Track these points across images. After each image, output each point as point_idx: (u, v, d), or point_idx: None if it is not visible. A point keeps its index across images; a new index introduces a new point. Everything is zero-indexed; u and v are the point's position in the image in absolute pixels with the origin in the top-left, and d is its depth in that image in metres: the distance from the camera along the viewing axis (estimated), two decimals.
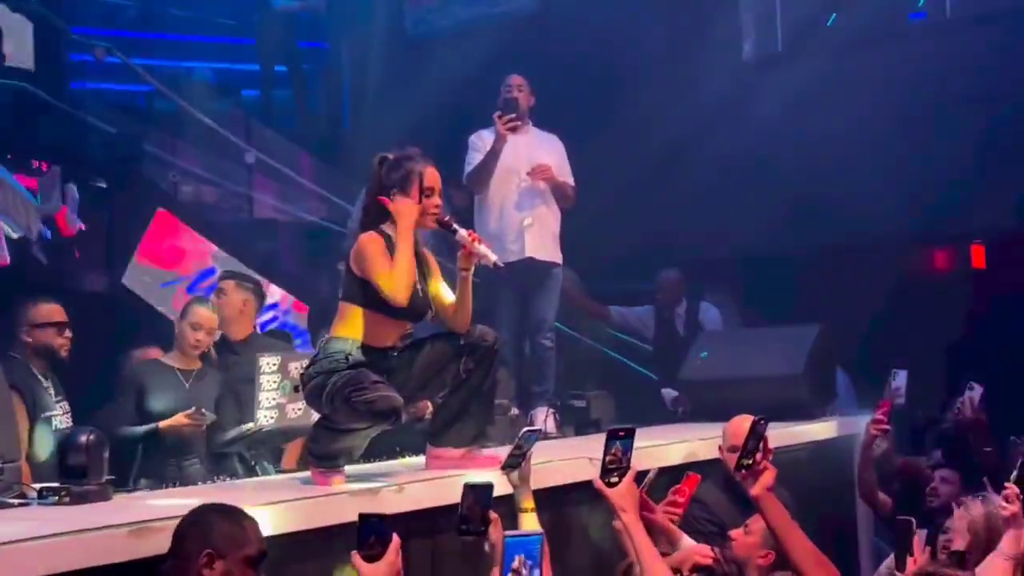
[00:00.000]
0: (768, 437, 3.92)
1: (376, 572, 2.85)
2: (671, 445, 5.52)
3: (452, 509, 3.29)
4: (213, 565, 3.03)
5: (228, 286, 6.17)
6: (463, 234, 4.39)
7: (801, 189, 9.12)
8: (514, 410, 6.42)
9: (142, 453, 5.44)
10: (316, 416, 4.46)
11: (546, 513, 3.77)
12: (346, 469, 4.33)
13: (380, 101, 10.80)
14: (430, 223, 4.41)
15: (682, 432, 6.17)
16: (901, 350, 7.80)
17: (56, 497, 3.84)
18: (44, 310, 5.34)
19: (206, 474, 5.40)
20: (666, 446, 5.47)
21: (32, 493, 3.95)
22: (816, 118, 9.21)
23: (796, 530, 3.86)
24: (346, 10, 11.48)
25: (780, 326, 7.57)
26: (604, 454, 3.49)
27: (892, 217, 8.87)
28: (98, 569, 3.15)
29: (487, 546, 3.38)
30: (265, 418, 5.24)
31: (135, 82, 9.83)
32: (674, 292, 8.33)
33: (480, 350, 4.47)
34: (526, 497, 3.69)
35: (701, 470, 4.67)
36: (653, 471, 4.24)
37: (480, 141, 6.83)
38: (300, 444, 5.83)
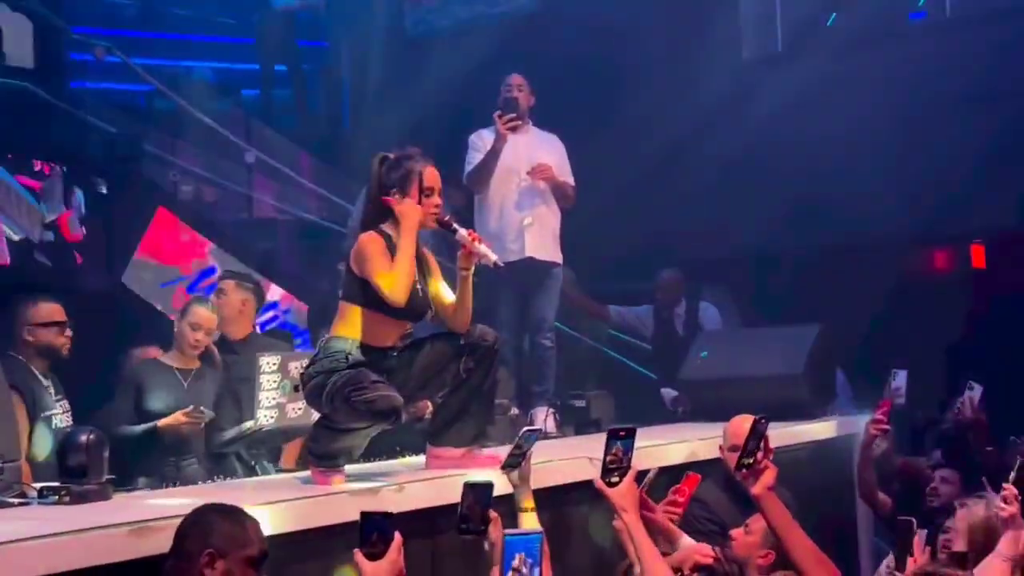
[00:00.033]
0: (769, 436, 3.92)
1: (378, 570, 2.85)
2: (671, 445, 5.53)
3: (452, 509, 3.29)
4: (214, 565, 3.03)
5: (228, 286, 6.17)
6: (463, 234, 4.39)
7: (801, 189, 9.12)
8: (514, 410, 6.42)
9: (141, 452, 5.43)
10: (316, 416, 4.46)
11: (546, 513, 3.77)
12: (346, 469, 4.33)
13: (380, 101, 10.80)
14: (430, 223, 4.41)
15: (682, 432, 6.17)
16: (901, 350, 7.80)
17: (56, 496, 3.84)
18: (45, 309, 5.34)
19: (205, 474, 5.40)
20: (666, 446, 5.47)
21: (32, 492, 3.95)
22: (816, 118, 9.21)
23: (797, 529, 3.86)
24: (346, 9, 11.48)
25: (780, 326, 7.57)
26: (605, 454, 3.49)
27: (892, 217, 8.88)
28: (98, 568, 3.15)
29: (487, 545, 3.37)
30: (265, 418, 5.24)
31: (135, 81, 9.84)
32: (673, 292, 8.33)
33: (480, 350, 4.47)
34: (526, 497, 3.69)
35: (701, 470, 4.67)
36: (653, 471, 4.24)
37: (480, 141, 6.83)
38: (299, 444, 5.83)
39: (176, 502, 3.83)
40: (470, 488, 3.27)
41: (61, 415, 5.26)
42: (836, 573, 3.81)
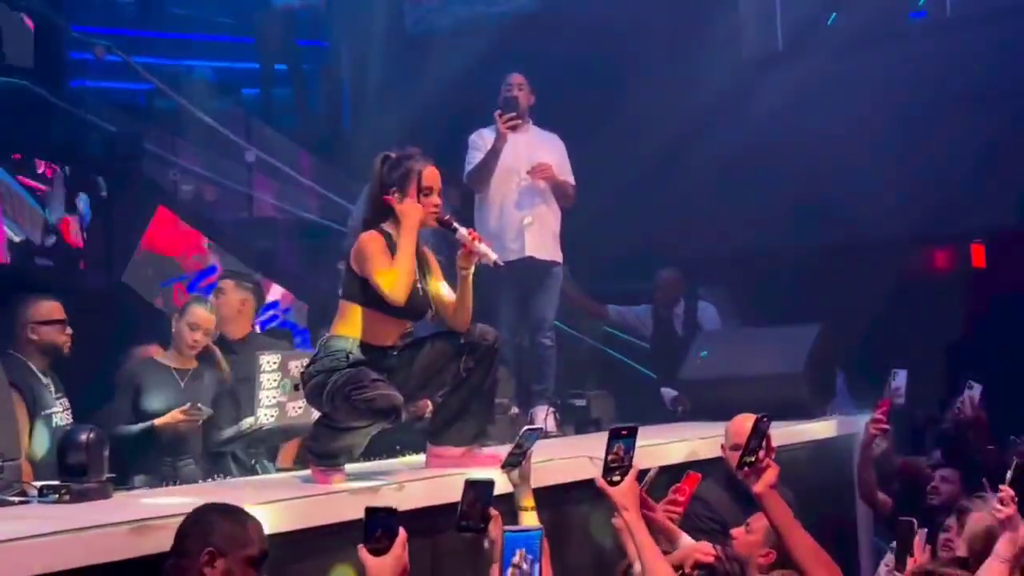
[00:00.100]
0: (770, 435, 3.93)
1: (382, 565, 2.85)
2: (671, 444, 5.52)
3: (452, 508, 3.28)
4: (214, 564, 3.03)
5: (227, 285, 6.16)
6: (463, 233, 4.39)
7: (801, 189, 9.13)
8: (514, 409, 6.41)
9: (138, 452, 5.41)
10: (316, 414, 4.46)
11: (546, 512, 3.77)
12: (346, 468, 4.33)
13: (380, 100, 10.79)
14: (430, 222, 4.41)
15: (682, 431, 6.17)
16: (901, 350, 7.81)
17: (56, 495, 3.83)
18: (47, 307, 5.34)
19: (202, 474, 5.38)
20: (666, 445, 5.46)
21: (32, 491, 3.94)
22: (816, 118, 9.22)
23: (798, 528, 3.86)
24: (346, 9, 11.48)
25: (780, 326, 7.57)
26: (606, 453, 3.49)
27: (892, 216, 8.89)
28: (99, 567, 3.15)
29: (486, 543, 3.37)
30: (265, 416, 5.24)
31: (135, 80, 9.83)
32: (672, 291, 8.32)
33: (480, 349, 4.46)
34: (526, 496, 3.68)
35: (702, 469, 4.67)
36: (654, 470, 4.24)
37: (480, 140, 6.82)
38: (296, 443, 5.84)
39: (176, 501, 3.83)
40: (471, 485, 3.27)
41: (61, 413, 5.26)
42: (837, 572, 3.82)
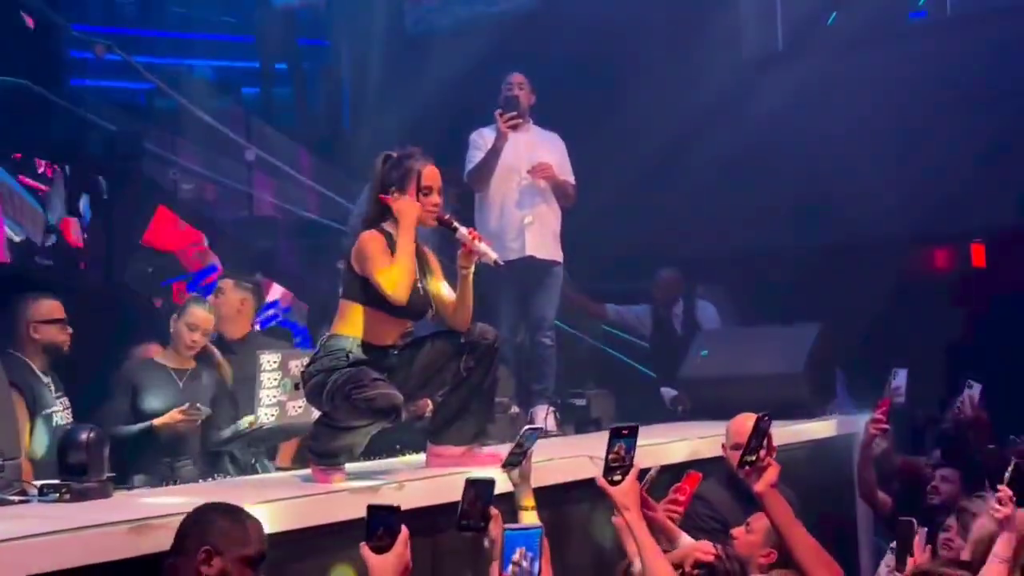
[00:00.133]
0: (772, 435, 3.92)
1: (385, 563, 2.85)
2: (672, 443, 5.52)
3: (453, 507, 3.28)
4: (211, 562, 3.02)
5: (226, 285, 6.16)
6: (463, 232, 4.39)
7: (801, 188, 9.13)
8: (514, 408, 6.41)
9: (137, 452, 5.39)
10: (316, 414, 4.46)
11: (546, 511, 3.76)
12: (347, 467, 4.33)
13: (380, 99, 10.80)
14: (429, 221, 4.40)
15: (683, 430, 6.17)
16: (901, 349, 7.80)
17: (57, 494, 3.83)
18: (48, 306, 5.34)
19: (199, 475, 5.36)
20: (667, 444, 5.46)
21: (33, 490, 3.94)
22: (816, 117, 9.22)
23: (800, 528, 3.86)
24: (346, 8, 11.48)
25: (780, 325, 7.57)
26: (607, 452, 3.49)
27: (892, 216, 8.88)
28: (99, 566, 3.15)
29: (487, 542, 3.37)
30: (266, 416, 5.24)
31: (135, 79, 9.83)
32: (671, 291, 8.32)
33: (480, 348, 4.46)
34: (526, 495, 3.68)
35: (703, 468, 4.66)
36: (655, 469, 4.23)
37: (481, 139, 6.82)
38: (294, 442, 5.83)
39: (176, 500, 3.83)
40: (471, 484, 3.26)
41: (61, 412, 5.25)
42: (839, 572, 3.81)
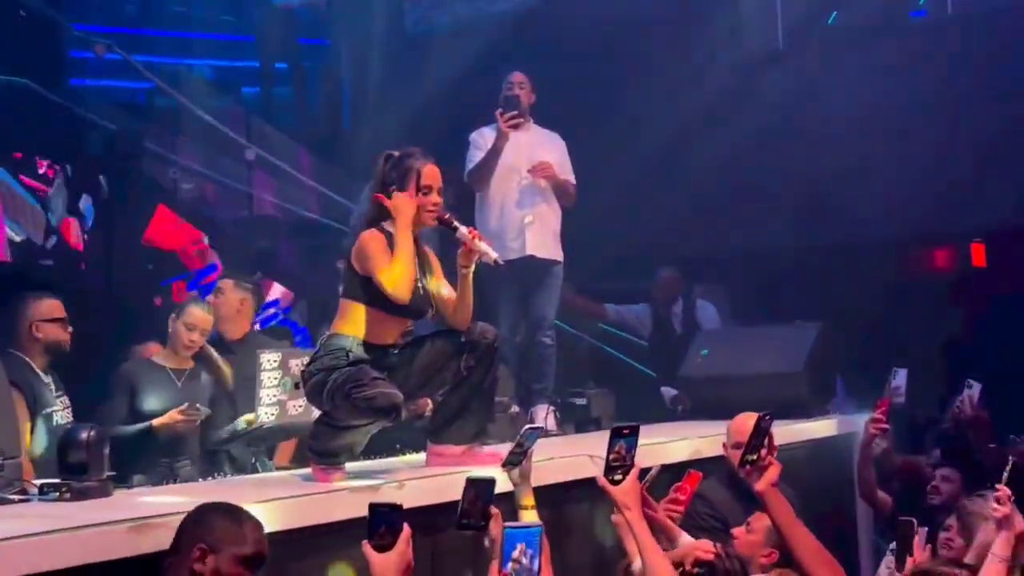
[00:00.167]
0: (773, 433, 3.93)
1: (387, 562, 2.84)
2: (673, 442, 5.52)
3: (453, 506, 3.28)
4: (205, 560, 3.00)
5: (226, 285, 6.16)
6: (463, 231, 4.38)
7: (801, 188, 9.13)
8: (514, 408, 6.41)
9: (136, 452, 5.38)
10: (316, 413, 4.45)
11: (546, 510, 3.76)
12: (347, 466, 4.33)
13: (380, 98, 10.79)
14: (429, 220, 4.40)
15: (683, 430, 6.17)
16: (901, 349, 7.80)
17: (57, 493, 3.83)
18: (50, 305, 5.34)
19: (198, 475, 5.36)
20: (668, 443, 5.46)
21: (33, 489, 3.94)
22: (816, 116, 9.22)
23: (801, 527, 3.86)
24: (346, 7, 11.47)
25: (780, 324, 7.57)
26: (608, 452, 3.49)
27: (892, 215, 8.88)
28: (98, 565, 3.14)
29: (487, 541, 3.37)
30: (266, 415, 5.24)
31: (135, 79, 9.83)
32: (671, 290, 8.32)
33: (480, 347, 4.46)
34: (527, 494, 3.68)
35: (703, 468, 4.66)
36: (655, 468, 4.23)
37: (481, 138, 6.82)
38: (293, 441, 5.83)
39: (176, 499, 3.83)
40: (472, 483, 3.26)
41: (62, 411, 5.25)
42: (840, 572, 3.81)
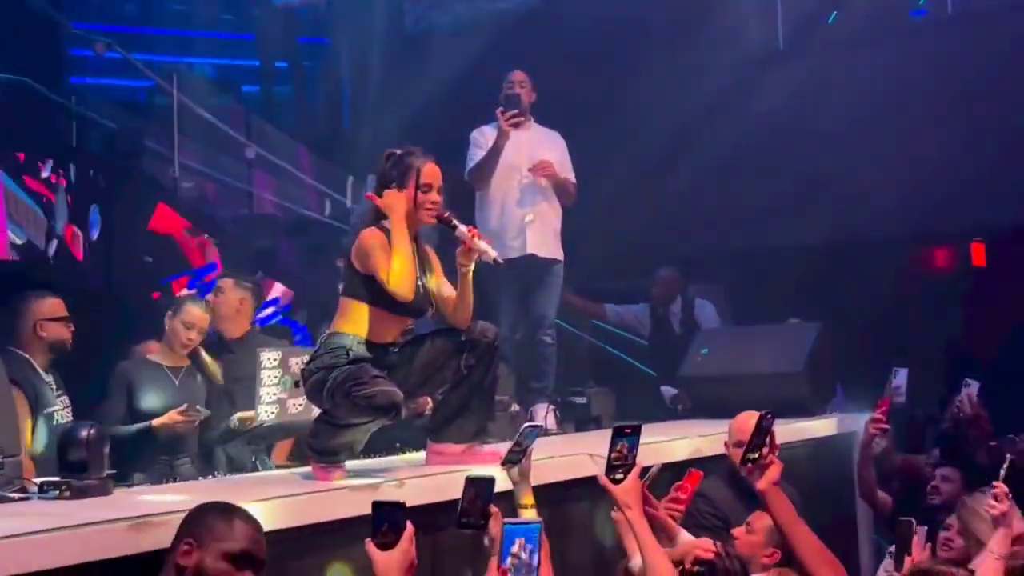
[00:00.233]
0: (775, 432, 3.93)
1: (390, 560, 2.83)
2: (673, 441, 5.52)
3: (453, 505, 3.27)
4: (190, 555, 2.98)
5: (226, 284, 6.15)
6: (463, 230, 4.37)
7: (801, 187, 9.12)
8: (515, 406, 6.41)
9: (135, 451, 5.37)
10: (316, 411, 4.45)
11: (546, 509, 3.75)
12: (347, 465, 4.33)
13: (380, 97, 10.80)
14: (428, 219, 4.39)
15: (683, 428, 6.16)
16: (901, 348, 7.80)
17: (57, 491, 3.83)
18: (54, 304, 5.33)
19: (198, 473, 5.36)
20: (668, 442, 5.46)
21: (33, 487, 3.94)
22: (816, 116, 9.22)
23: (802, 526, 3.86)
24: (346, 6, 11.48)
25: (780, 324, 7.56)
26: (610, 451, 3.48)
27: (892, 215, 8.88)
28: (98, 563, 3.14)
29: (487, 540, 3.36)
30: (266, 413, 5.24)
31: (136, 77, 9.83)
32: (670, 290, 8.31)
33: (481, 346, 4.45)
34: (526, 493, 3.68)
35: (704, 466, 4.65)
36: (656, 466, 4.23)
37: (482, 137, 6.82)
38: (291, 440, 5.83)
39: (176, 498, 3.82)
40: (471, 482, 3.26)
41: (62, 411, 5.25)
42: (841, 571, 3.81)
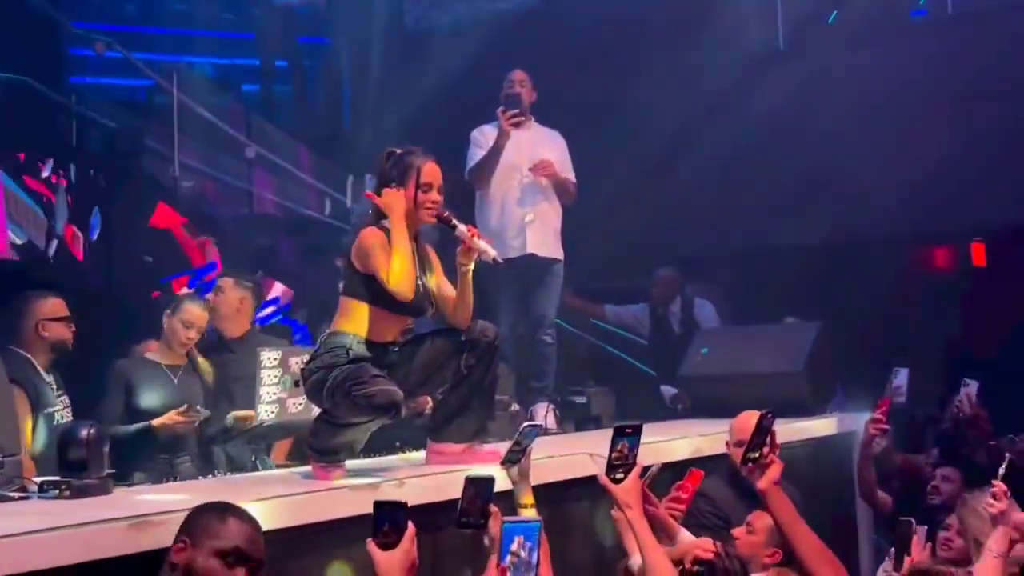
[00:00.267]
0: (775, 432, 3.92)
1: (391, 560, 2.83)
2: (674, 441, 5.52)
3: (453, 505, 3.27)
4: (183, 552, 2.97)
5: (226, 284, 6.16)
6: (462, 229, 4.37)
7: (801, 187, 9.12)
8: (514, 406, 6.41)
9: (135, 451, 5.36)
10: (316, 411, 4.45)
11: (546, 508, 3.75)
12: (347, 464, 4.33)
13: (380, 97, 10.79)
14: (428, 218, 4.39)
15: (683, 428, 6.16)
16: (901, 348, 7.80)
17: (56, 491, 3.83)
18: (56, 304, 5.33)
19: (198, 471, 5.35)
20: (669, 442, 5.46)
21: (33, 487, 3.94)
22: (816, 116, 9.22)
23: (803, 525, 3.86)
24: (346, 6, 11.48)
25: (780, 323, 7.56)
26: (610, 450, 3.48)
27: (892, 214, 8.88)
28: (98, 562, 3.14)
29: (486, 539, 3.36)
30: (266, 413, 5.24)
31: (136, 76, 9.83)
32: (669, 290, 8.32)
33: (481, 346, 4.45)
34: (525, 493, 3.67)
35: (704, 466, 4.65)
36: (656, 465, 4.23)
37: (482, 137, 6.82)
38: (289, 439, 5.83)
39: (176, 497, 3.82)
40: (471, 482, 3.26)
41: (62, 411, 5.24)
42: (842, 570, 3.81)
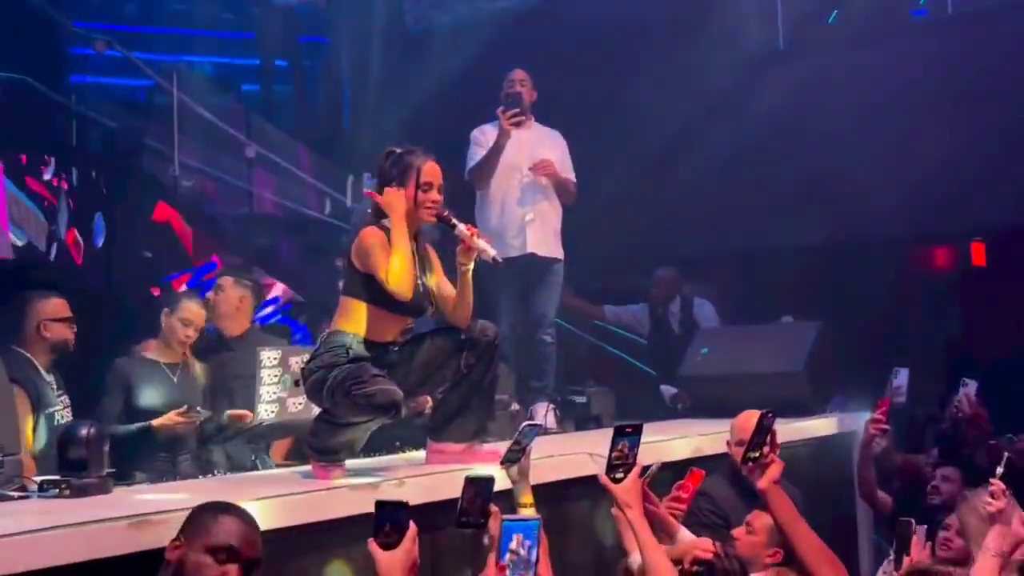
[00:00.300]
0: (776, 431, 3.92)
1: (392, 560, 2.83)
2: (674, 440, 5.52)
3: (452, 504, 3.27)
4: (177, 550, 2.97)
5: (226, 283, 6.16)
6: (462, 229, 4.37)
7: (801, 187, 9.12)
8: (514, 405, 6.41)
9: (135, 450, 5.37)
10: (316, 410, 4.45)
11: (546, 508, 3.75)
12: (346, 463, 4.33)
13: (380, 96, 10.79)
14: (428, 217, 4.39)
15: (683, 428, 6.17)
16: (901, 348, 7.80)
17: (56, 490, 3.83)
18: (57, 304, 5.33)
19: (198, 470, 5.36)
20: (669, 441, 5.47)
21: (33, 486, 3.94)
22: (816, 116, 9.22)
23: (803, 525, 3.85)
24: (346, 5, 11.48)
25: (780, 323, 7.56)
26: (610, 450, 3.48)
27: (892, 214, 8.88)
28: (98, 561, 3.14)
29: (486, 539, 3.36)
30: (266, 412, 5.24)
31: (136, 76, 9.83)
32: (669, 290, 8.32)
33: (481, 345, 4.45)
34: (525, 492, 3.67)
35: (704, 465, 4.65)
36: (657, 464, 4.23)
37: (483, 136, 6.81)
38: (288, 439, 5.83)
39: (176, 496, 3.82)
40: (471, 481, 3.26)
41: (62, 411, 5.24)
42: (842, 570, 3.80)
